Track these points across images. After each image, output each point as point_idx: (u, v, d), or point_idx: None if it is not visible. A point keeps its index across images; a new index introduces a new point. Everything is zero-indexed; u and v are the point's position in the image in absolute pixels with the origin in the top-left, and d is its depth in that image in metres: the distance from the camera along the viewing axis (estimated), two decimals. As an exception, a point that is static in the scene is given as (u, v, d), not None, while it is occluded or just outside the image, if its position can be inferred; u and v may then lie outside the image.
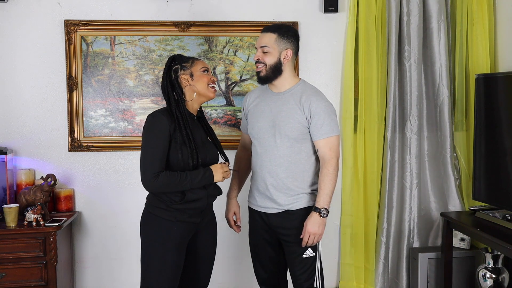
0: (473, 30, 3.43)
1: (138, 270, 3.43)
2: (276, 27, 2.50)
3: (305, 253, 2.48)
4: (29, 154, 3.33)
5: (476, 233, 2.90)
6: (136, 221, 3.42)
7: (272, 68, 2.47)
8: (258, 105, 2.58)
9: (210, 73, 2.49)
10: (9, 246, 2.93)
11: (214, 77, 2.51)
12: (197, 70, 2.44)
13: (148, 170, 2.28)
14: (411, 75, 3.42)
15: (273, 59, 2.46)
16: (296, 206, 2.49)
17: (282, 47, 2.47)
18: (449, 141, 3.44)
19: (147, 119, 2.35)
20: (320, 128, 2.43)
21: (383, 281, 3.50)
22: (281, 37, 2.47)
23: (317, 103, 2.44)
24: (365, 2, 3.36)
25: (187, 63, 2.45)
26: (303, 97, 2.47)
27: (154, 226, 2.38)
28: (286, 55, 2.47)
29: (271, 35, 2.47)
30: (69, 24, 3.29)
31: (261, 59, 2.48)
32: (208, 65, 2.51)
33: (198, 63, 2.46)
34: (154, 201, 2.40)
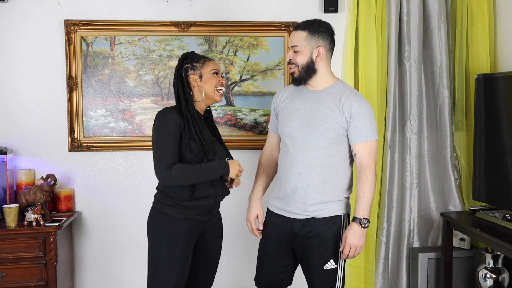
0: (473, 30, 3.43)
1: (138, 270, 3.45)
2: (306, 24, 2.35)
3: (326, 265, 2.34)
4: (29, 154, 3.33)
5: (476, 233, 2.90)
6: (136, 221, 3.44)
7: (305, 68, 2.34)
8: (292, 102, 2.44)
9: (220, 75, 2.47)
10: (9, 246, 2.93)
11: (223, 80, 2.49)
12: (207, 72, 2.43)
13: (161, 162, 2.27)
14: (411, 75, 3.42)
15: (304, 58, 2.33)
16: (323, 213, 2.35)
17: (313, 45, 2.32)
18: (449, 141, 3.44)
19: (157, 115, 2.35)
20: (360, 131, 2.30)
21: (383, 281, 3.50)
22: (312, 34, 2.32)
23: (358, 104, 2.31)
24: (365, 2, 3.36)
25: (198, 63, 2.44)
26: (342, 97, 2.33)
27: (162, 224, 2.38)
28: (319, 53, 2.33)
29: (301, 33, 2.33)
30: (69, 24, 3.29)
31: (293, 59, 2.35)
32: (219, 66, 2.50)
33: (209, 64, 2.45)
34: (162, 198, 2.39)
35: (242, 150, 3.40)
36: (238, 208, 3.17)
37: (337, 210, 2.38)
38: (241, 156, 3.39)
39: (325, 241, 2.35)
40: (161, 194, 2.41)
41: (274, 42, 3.43)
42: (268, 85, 3.44)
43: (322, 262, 2.35)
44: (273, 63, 3.44)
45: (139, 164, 3.43)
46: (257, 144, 3.40)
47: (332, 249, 2.36)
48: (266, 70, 3.43)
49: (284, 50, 3.44)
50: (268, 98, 3.44)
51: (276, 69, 3.43)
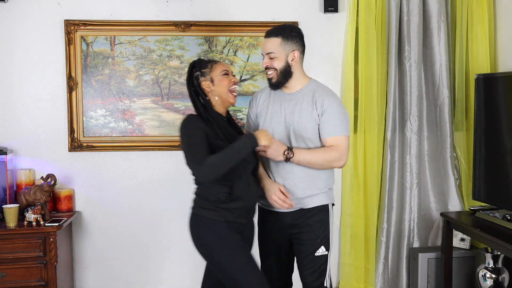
0: (473, 30, 3.43)
1: (137, 269, 3.46)
2: (278, 30, 2.44)
3: (317, 251, 2.44)
4: (29, 154, 3.33)
5: (476, 233, 2.90)
6: (136, 221, 3.44)
7: (283, 72, 2.43)
8: (270, 105, 2.52)
9: (231, 74, 2.46)
10: (9, 246, 2.93)
11: (235, 78, 2.48)
12: (217, 75, 2.42)
13: (195, 160, 2.26)
14: (411, 75, 3.42)
15: (281, 63, 2.42)
16: (310, 204, 2.46)
17: (288, 50, 2.42)
18: (449, 141, 3.44)
19: (181, 123, 2.35)
20: (329, 126, 2.40)
21: (383, 281, 3.50)
22: (286, 40, 2.42)
23: (330, 102, 2.41)
24: (365, 2, 3.36)
25: (206, 68, 2.43)
26: (315, 94, 2.44)
27: (205, 230, 2.37)
28: (294, 57, 2.43)
29: (275, 40, 2.42)
30: (69, 24, 3.29)
31: (270, 65, 2.44)
32: (228, 67, 2.48)
33: (217, 67, 2.44)
34: (201, 203, 2.40)
35: (242, 150, 3.39)
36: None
37: (323, 200, 2.48)
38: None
39: (315, 229, 2.46)
40: (200, 199, 2.41)
41: (274, 42, 3.42)
42: (268, 85, 3.44)
43: (313, 249, 2.45)
44: (273, 63, 3.43)
45: (139, 164, 3.43)
46: (257, 144, 3.40)
47: (322, 236, 2.46)
48: (266, 70, 3.43)
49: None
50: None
51: (276, 69, 3.43)
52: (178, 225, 3.47)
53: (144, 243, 3.46)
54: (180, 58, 3.39)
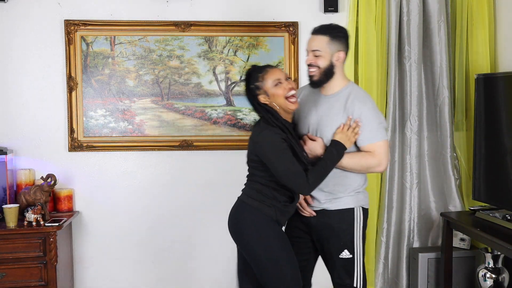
0: (473, 30, 3.43)
1: (137, 269, 3.45)
2: (326, 29, 2.42)
3: (341, 254, 2.44)
4: (29, 154, 3.33)
5: (476, 233, 2.90)
6: (136, 221, 3.44)
7: (326, 71, 2.41)
8: (306, 104, 2.53)
9: (285, 79, 2.38)
10: (9, 246, 2.93)
11: (289, 84, 2.39)
12: (270, 87, 2.37)
13: (298, 174, 2.28)
14: (411, 75, 3.42)
15: (325, 62, 2.40)
16: (334, 206, 2.45)
17: (334, 49, 2.40)
18: (449, 141, 3.44)
19: (259, 137, 2.36)
20: (362, 134, 2.38)
21: (383, 281, 3.49)
22: (333, 39, 2.40)
23: (361, 108, 2.38)
24: (365, 2, 3.36)
25: (258, 81, 2.38)
26: (348, 101, 2.41)
27: (254, 221, 2.40)
28: (339, 57, 2.42)
29: (323, 38, 2.40)
30: (69, 24, 3.29)
31: (314, 63, 2.41)
32: (279, 73, 2.40)
33: (268, 78, 2.38)
34: (258, 196, 2.41)
35: (242, 150, 3.38)
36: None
37: (348, 203, 2.45)
38: (241, 156, 3.39)
39: (338, 232, 2.44)
40: (257, 193, 2.42)
41: (274, 42, 3.43)
42: (268, 85, 3.43)
43: (337, 252, 2.45)
44: (273, 63, 3.43)
45: (139, 164, 3.43)
46: (257, 144, 3.40)
47: (345, 239, 2.44)
48: (266, 70, 3.43)
49: (284, 50, 3.43)
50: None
51: (276, 69, 3.43)
52: (178, 225, 3.47)
53: (144, 243, 3.46)
54: (180, 58, 3.39)
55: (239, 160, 3.40)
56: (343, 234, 2.44)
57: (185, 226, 3.48)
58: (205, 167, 3.46)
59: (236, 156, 3.42)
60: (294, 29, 3.42)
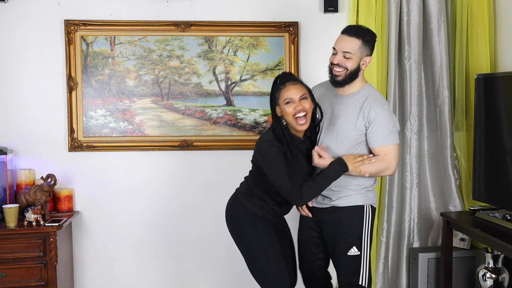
0: (473, 30, 3.43)
1: (137, 269, 3.45)
2: (361, 33, 2.46)
3: (349, 251, 2.49)
4: (29, 154, 3.33)
5: (476, 233, 2.89)
6: (136, 221, 3.44)
7: (352, 73, 2.46)
8: (322, 103, 2.57)
9: (297, 100, 2.40)
10: (9, 246, 2.93)
11: (300, 105, 2.40)
12: (282, 103, 2.43)
13: (289, 190, 2.35)
14: (411, 75, 3.42)
15: (354, 65, 2.44)
16: (343, 203, 2.51)
17: (364, 54, 2.46)
18: (449, 141, 3.44)
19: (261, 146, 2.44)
20: (376, 136, 2.44)
21: (383, 281, 3.49)
22: (365, 44, 2.45)
23: (376, 111, 2.43)
24: (365, 2, 3.35)
25: (277, 92, 2.45)
26: (365, 103, 2.46)
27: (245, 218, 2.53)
28: (365, 62, 2.48)
29: (356, 41, 2.44)
30: (69, 24, 3.29)
31: (343, 63, 2.45)
32: (293, 91, 2.41)
33: (282, 94, 2.42)
34: (250, 196, 2.54)
35: (242, 150, 3.40)
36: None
37: (357, 200, 2.52)
38: (241, 156, 3.40)
39: (347, 229, 2.50)
40: (250, 191, 2.55)
41: (274, 42, 3.43)
42: (268, 85, 3.42)
43: (345, 248, 2.50)
44: (273, 63, 3.44)
45: (139, 164, 3.43)
46: (257, 144, 3.40)
47: (354, 236, 2.50)
48: (266, 70, 3.43)
49: (284, 50, 3.43)
50: (268, 98, 3.39)
51: (276, 69, 3.43)
52: (178, 225, 3.47)
53: (144, 243, 3.46)
54: (180, 58, 3.39)
55: (239, 160, 3.41)
56: (352, 230, 2.50)
57: (185, 226, 3.48)
58: (205, 167, 3.46)
59: (236, 156, 3.43)
60: (294, 29, 3.42)
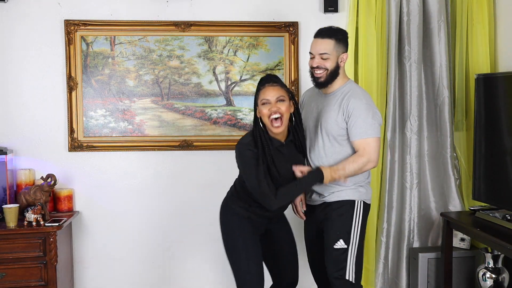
0: (473, 30, 3.43)
1: (138, 269, 3.45)
2: (332, 32, 2.56)
3: (336, 244, 2.54)
4: (29, 154, 3.33)
5: (476, 233, 2.90)
6: (136, 221, 3.44)
7: (332, 72, 2.55)
8: (309, 104, 2.71)
9: (273, 102, 2.42)
10: (9, 246, 2.93)
11: (275, 108, 2.42)
12: (259, 103, 2.45)
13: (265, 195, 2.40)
14: (411, 75, 3.42)
15: (332, 64, 2.55)
16: (335, 198, 2.58)
17: (340, 52, 2.56)
18: (449, 141, 3.44)
19: (237, 148, 2.48)
20: (355, 129, 2.50)
21: (383, 281, 3.49)
22: (338, 42, 2.55)
23: (354, 104, 2.50)
24: (365, 2, 3.35)
25: (257, 93, 2.48)
26: (345, 98, 2.55)
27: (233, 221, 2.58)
28: (343, 58, 2.57)
29: (329, 42, 2.54)
30: (69, 24, 3.29)
31: (323, 65, 2.55)
32: (273, 93, 2.44)
33: (260, 94, 2.45)
34: (237, 199, 2.59)
35: (242, 150, 3.39)
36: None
37: (348, 195, 2.58)
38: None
39: (335, 222, 2.56)
40: (236, 195, 2.60)
41: (274, 42, 3.43)
42: (268, 85, 3.44)
43: (332, 241, 2.55)
44: (273, 63, 3.44)
45: (139, 164, 3.43)
46: (257, 144, 3.40)
47: (342, 229, 2.56)
48: (266, 70, 3.43)
49: (284, 50, 3.43)
50: (268, 98, 3.43)
51: (276, 69, 3.43)
52: (178, 225, 3.47)
53: (144, 243, 3.46)
54: (180, 58, 3.39)
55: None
56: (340, 224, 2.56)
57: (185, 226, 3.48)
58: (205, 167, 3.46)
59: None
60: (294, 29, 3.42)
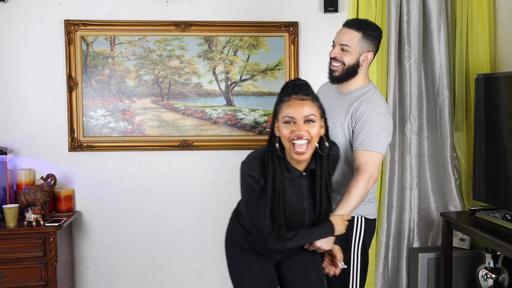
0: (473, 30, 3.43)
1: (138, 270, 3.45)
2: (361, 25, 2.26)
3: None
4: (29, 154, 3.33)
5: (476, 233, 2.89)
6: (136, 221, 3.44)
7: (349, 69, 2.26)
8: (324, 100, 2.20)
9: (303, 122, 1.86)
10: (9, 246, 2.93)
11: (302, 131, 1.85)
12: (280, 119, 1.88)
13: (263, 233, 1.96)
14: (411, 75, 3.42)
15: (352, 59, 2.25)
16: None
17: (364, 49, 2.25)
18: (449, 141, 3.44)
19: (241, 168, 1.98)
20: (361, 138, 2.17)
21: (383, 281, 3.49)
22: (366, 38, 2.24)
23: (366, 109, 2.18)
24: (365, 2, 3.35)
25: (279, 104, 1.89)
26: (357, 101, 2.25)
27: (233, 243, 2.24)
28: (366, 58, 2.27)
29: (355, 34, 2.24)
30: (69, 24, 3.29)
31: (339, 57, 2.26)
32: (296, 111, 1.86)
33: (283, 108, 1.87)
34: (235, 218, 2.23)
35: (242, 150, 3.39)
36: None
37: None
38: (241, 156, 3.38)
39: None
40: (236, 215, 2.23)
41: (274, 42, 3.43)
42: (268, 85, 3.44)
43: None
44: (273, 63, 3.44)
45: (139, 164, 3.43)
46: (257, 144, 3.40)
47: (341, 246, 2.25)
48: (266, 70, 3.43)
49: (284, 50, 3.43)
50: (268, 98, 3.44)
51: (276, 69, 3.44)
52: (178, 225, 3.47)
53: (144, 243, 3.46)
54: (180, 58, 3.39)
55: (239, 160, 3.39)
56: (338, 243, 2.22)
57: (185, 226, 3.48)
58: (205, 167, 3.46)
59: (236, 156, 3.40)
60: (294, 29, 3.42)
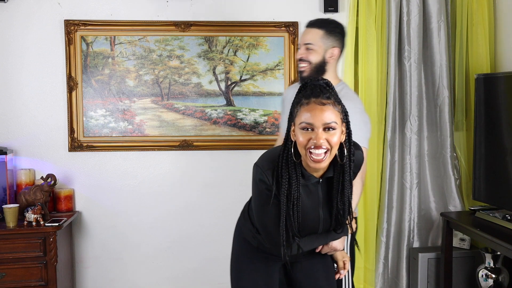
0: (473, 30, 3.43)
1: (138, 270, 3.46)
2: (322, 23, 2.31)
3: None
4: (29, 154, 3.33)
5: (476, 233, 2.89)
6: (136, 221, 3.44)
7: (317, 67, 2.29)
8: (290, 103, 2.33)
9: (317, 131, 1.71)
10: (9, 246, 2.93)
11: (321, 140, 1.71)
12: (297, 124, 1.76)
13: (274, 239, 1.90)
14: (411, 75, 3.42)
15: (317, 57, 2.29)
16: None
17: (329, 45, 2.29)
18: (449, 141, 3.44)
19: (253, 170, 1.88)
20: None
21: (383, 281, 3.49)
22: (328, 34, 2.29)
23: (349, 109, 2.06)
24: (365, 2, 3.36)
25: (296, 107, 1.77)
26: None
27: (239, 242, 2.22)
28: (332, 54, 2.31)
29: (317, 31, 2.29)
30: (69, 24, 3.29)
31: (305, 57, 2.31)
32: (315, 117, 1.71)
33: (301, 112, 1.74)
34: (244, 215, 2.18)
35: (242, 150, 3.40)
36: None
37: None
38: (241, 156, 3.40)
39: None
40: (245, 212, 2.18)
41: (274, 42, 3.43)
42: (268, 85, 3.44)
43: None
44: (273, 63, 3.44)
45: (139, 164, 3.43)
46: (257, 144, 3.40)
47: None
48: (266, 70, 3.43)
49: (284, 50, 3.43)
50: (268, 98, 3.44)
51: (276, 69, 3.44)
52: (178, 225, 3.47)
53: (144, 243, 3.46)
54: (180, 58, 3.39)
55: (239, 160, 3.41)
56: None
57: (185, 226, 3.48)
58: (205, 167, 3.46)
59: (236, 156, 3.43)
60: (294, 29, 3.42)
